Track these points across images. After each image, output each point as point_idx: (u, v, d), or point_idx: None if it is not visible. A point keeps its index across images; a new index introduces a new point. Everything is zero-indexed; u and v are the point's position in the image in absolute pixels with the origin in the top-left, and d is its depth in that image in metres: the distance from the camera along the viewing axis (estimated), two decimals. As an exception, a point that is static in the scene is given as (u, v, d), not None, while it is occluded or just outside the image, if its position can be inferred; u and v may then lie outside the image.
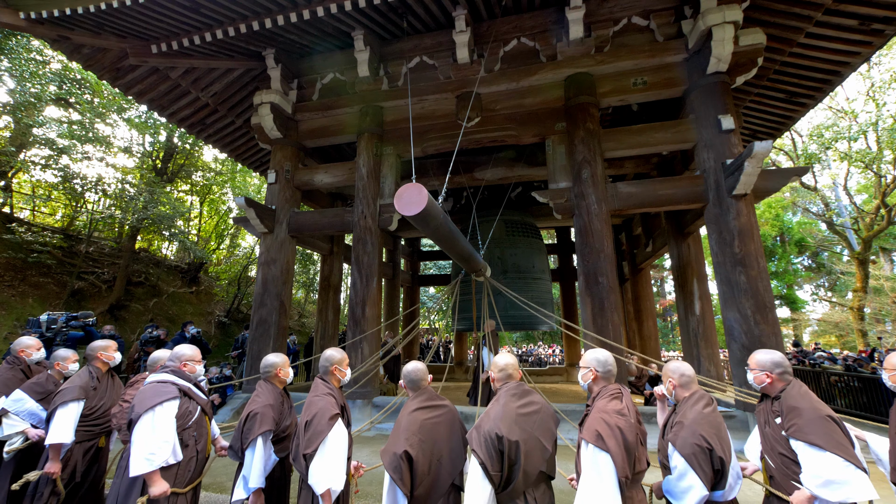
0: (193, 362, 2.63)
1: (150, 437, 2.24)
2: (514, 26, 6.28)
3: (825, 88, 6.50)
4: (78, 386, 2.93)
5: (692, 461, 1.89)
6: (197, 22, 5.61)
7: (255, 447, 2.38)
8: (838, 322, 18.55)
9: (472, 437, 1.98)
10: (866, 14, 5.26)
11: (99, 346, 3.20)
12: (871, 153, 13.05)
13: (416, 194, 2.96)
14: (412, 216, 3.00)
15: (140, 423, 2.26)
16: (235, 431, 2.50)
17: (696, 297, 6.84)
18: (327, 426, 2.17)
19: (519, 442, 1.91)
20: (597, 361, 2.19)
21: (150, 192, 11.23)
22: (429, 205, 3.00)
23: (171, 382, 2.45)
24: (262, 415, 2.43)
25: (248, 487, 2.37)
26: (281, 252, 6.74)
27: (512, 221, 8.77)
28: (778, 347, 4.71)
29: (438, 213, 3.39)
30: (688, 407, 2.09)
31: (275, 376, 2.70)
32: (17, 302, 9.01)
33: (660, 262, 21.16)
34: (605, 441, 1.82)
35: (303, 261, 17.82)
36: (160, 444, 2.24)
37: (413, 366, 2.39)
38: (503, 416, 1.98)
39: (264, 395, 2.57)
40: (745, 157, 4.73)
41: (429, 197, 2.99)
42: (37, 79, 9.53)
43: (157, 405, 2.30)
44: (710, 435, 1.93)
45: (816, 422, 1.99)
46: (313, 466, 2.10)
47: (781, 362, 2.26)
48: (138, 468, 2.18)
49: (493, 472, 1.86)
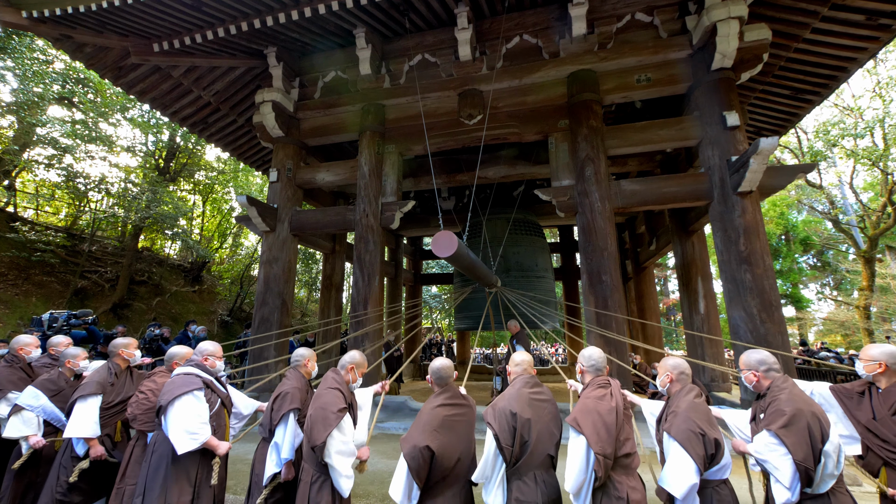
0: (215, 357, 2.84)
1: (190, 418, 2.44)
2: (517, 23, 6.23)
3: (831, 85, 6.42)
4: (96, 381, 2.99)
5: (686, 445, 2.00)
6: (198, 20, 5.60)
7: (286, 422, 2.55)
8: (844, 321, 18.42)
9: (488, 413, 2.18)
10: (873, 9, 5.18)
11: (121, 343, 3.28)
12: (878, 150, 12.92)
13: (448, 240, 3.58)
14: (446, 257, 3.69)
15: (175, 408, 2.44)
16: (266, 411, 2.73)
17: (700, 295, 6.79)
18: (336, 417, 2.30)
19: (531, 420, 2.11)
20: (584, 358, 2.46)
21: (153, 191, 11.27)
22: (459, 247, 3.66)
23: (195, 375, 2.65)
24: (292, 395, 2.63)
25: (280, 460, 2.53)
26: (283, 251, 6.73)
27: (515, 220, 8.73)
28: (784, 346, 4.65)
29: (465, 252, 4.15)
30: (680, 398, 2.24)
31: (303, 366, 2.94)
32: (20, 300, 9.05)
33: (663, 261, 21.08)
34: (581, 423, 2.04)
35: (305, 259, 17.85)
36: (200, 425, 2.47)
37: (441, 362, 2.51)
38: (518, 398, 2.19)
39: (293, 379, 2.78)
40: (750, 154, 4.67)
41: (458, 242, 3.64)
42: (40, 78, 9.55)
43: (189, 392, 2.50)
44: (701, 421, 2.07)
45: (784, 414, 2.06)
46: (332, 452, 2.24)
47: (765, 360, 2.35)
48: (184, 446, 2.39)
49: (505, 445, 2.04)
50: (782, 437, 1.98)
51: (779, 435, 1.99)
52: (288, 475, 2.55)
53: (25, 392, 3.11)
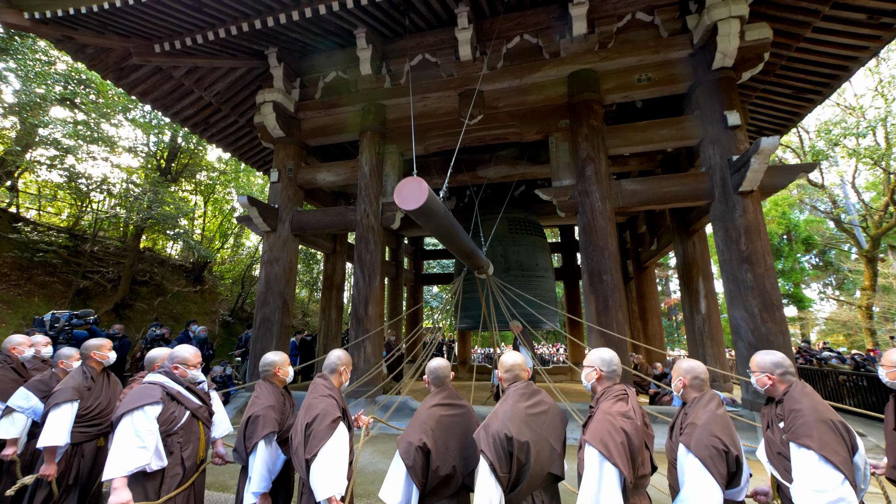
0: (186, 365, 2.53)
1: (126, 442, 2.17)
2: (517, 23, 6.24)
3: (833, 84, 6.41)
4: (71, 387, 2.86)
5: (708, 463, 1.79)
6: (199, 21, 5.62)
7: (256, 452, 2.30)
8: (846, 321, 18.36)
9: (481, 438, 1.93)
10: (875, 7, 5.17)
11: (92, 345, 3.11)
12: (880, 150, 12.88)
13: (416, 188, 2.89)
14: (412, 210, 2.94)
15: (119, 427, 2.20)
16: (238, 435, 2.43)
17: (701, 295, 6.78)
18: (328, 431, 2.09)
19: (529, 443, 1.87)
20: (601, 360, 2.14)
21: (155, 191, 11.29)
22: (429, 199, 2.94)
23: (159, 384, 2.39)
24: (264, 417, 2.36)
25: (254, 492, 2.29)
26: (284, 251, 6.74)
27: (515, 219, 8.73)
28: (785, 346, 4.64)
29: (439, 208, 3.32)
30: (700, 407, 2.00)
31: (274, 375, 2.62)
32: (23, 301, 9.08)
33: (665, 261, 21.03)
34: (611, 450, 1.74)
35: (306, 260, 17.87)
36: (135, 450, 2.16)
37: (438, 363, 2.41)
38: (512, 416, 1.94)
39: (264, 396, 2.49)
40: (751, 154, 4.66)
41: (429, 191, 2.94)
42: (42, 79, 9.58)
43: (137, 409, 2.24)
44: (725, 436, 1.85)
45: (813, 424, 1.87)
46: (314, 472, 2.03)
47: (782, 362, 2.16)
48: (111, 472, 2.10)
49: (501, 474, 1.82)
50: (829, 457, 1.76)
51: (826, 458, 1.77)
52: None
53: (17, 393, 3.05)
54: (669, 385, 2.42)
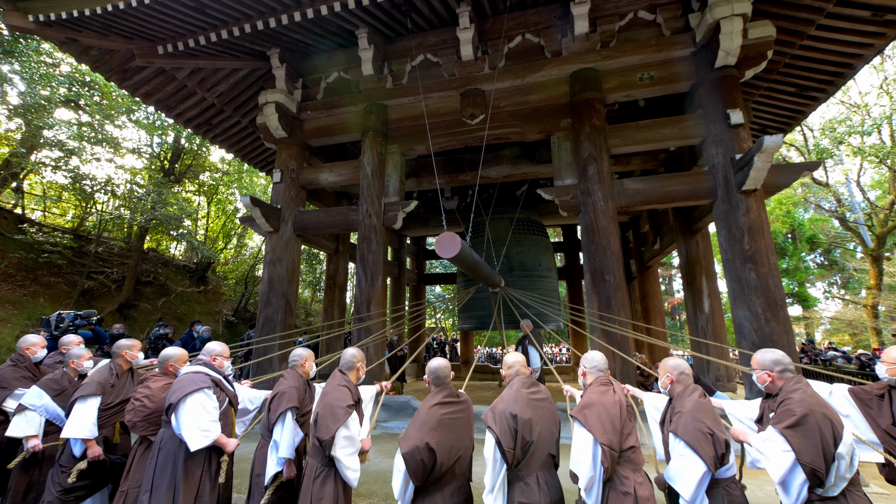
0: (222, 357, 2.91)
1: (202, 416, 2.48)
2: (519, 22, 6.22)
3: (837, 82, 6.36)
4: (96, 381, 3.02)
5: (695, 445, 1.98)
6: (202, 22, 5.64)
7: (283, 421, 2.57)
8: (851, 320, 18.23)
9: (488, 416, 2.16)
10: (880, 5, 5.13)
11: (124, 345, 3.30)
12: (885, 148, 12.78)
13: (451, 242, 3.59)
14: (450, 258, 3.66)
15: (186, 405, 2.48)
16: (264, 410, 2.77)
17: (705, 294, 6.74)
18: (345, 413, 2.33)
19: (532, 420, 2.11)
20: (586, 360, 2.51)
21: (159, 192, 11.35)
22: (462, 248, 3.64)
23: (204, 373, 2.68)
24: (288, 394, 2.66)
25: (280, 458, 2.55)
26: (286, 251, 6.76)
27: (517, 219, 8.71)
28: (789, 346, 4.61)
29: (468, 252, 4.14)
30: (685, 398, 2.22)
31: (300, 366, 2.98)
32: (28, 301, 9.15)
33: (668, 260, 20.95)
34: (586, 416, 2.09)
35: (309, 260, 17.91)
36: (211, 422, 2.52)
37: (438, 362, 2.53)
38: (516, 399, 2.19)
39: (290, 378, 2.81)
40: (754, 152, 4.64)
41: (462, 243, 3.63)
42: (47, 81, 9.64)
43: (198, 391, 2.54)
44: (709, 420, 2.06)
45: (794, 415, 2.01)
46: (338, 441, 2.27)
47: (781, 360, 2.29)
48: (197, 443, 2.43)
49: (506, 448, 2.03)
50: (788, 437, 1.95)
51: (784, 435, 1.96)
52: (290, 473, 2.58)
53: (29, 392, 3.14)
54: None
